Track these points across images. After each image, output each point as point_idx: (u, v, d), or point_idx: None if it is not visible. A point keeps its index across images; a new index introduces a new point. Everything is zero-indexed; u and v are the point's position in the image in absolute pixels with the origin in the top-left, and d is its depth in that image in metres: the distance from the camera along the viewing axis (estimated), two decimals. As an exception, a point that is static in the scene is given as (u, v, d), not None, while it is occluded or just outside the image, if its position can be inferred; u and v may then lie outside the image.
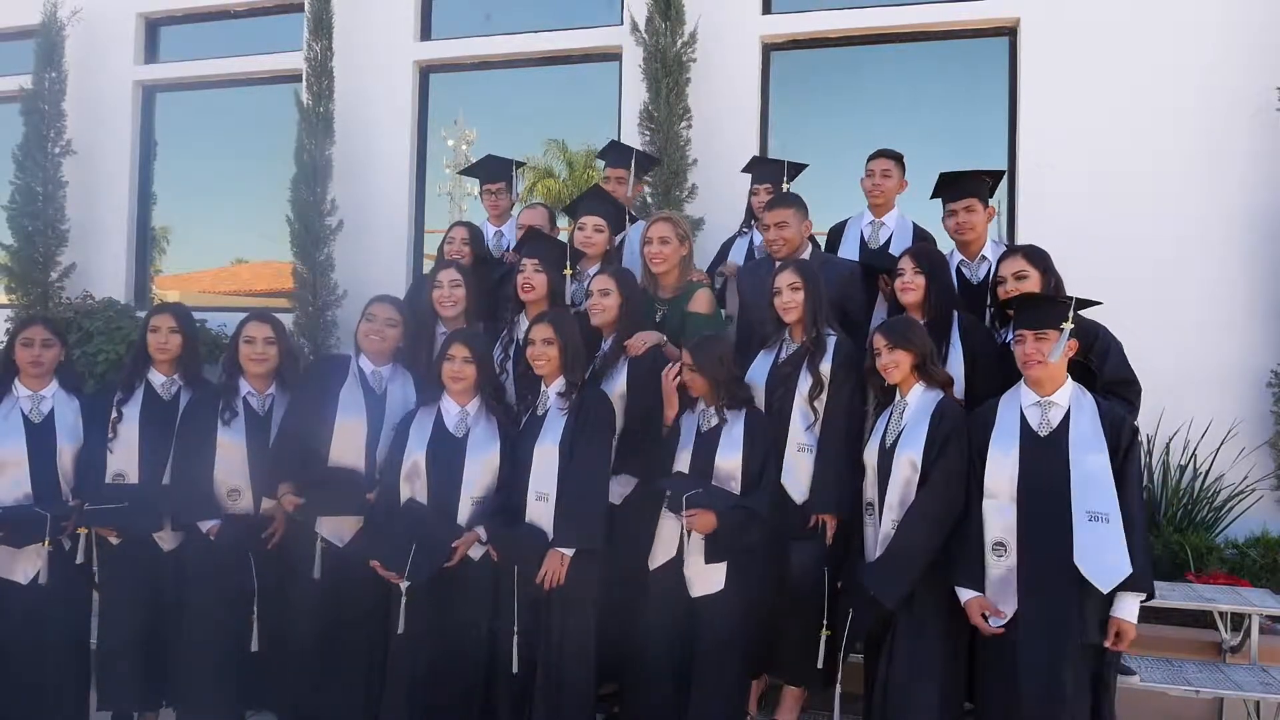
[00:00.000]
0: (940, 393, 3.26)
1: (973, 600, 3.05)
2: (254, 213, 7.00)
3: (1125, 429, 3.02)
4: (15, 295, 6.67)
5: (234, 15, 7.05)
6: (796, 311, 3.58)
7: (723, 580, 3.41)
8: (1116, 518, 2.93)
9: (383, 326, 3.73)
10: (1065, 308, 3.05)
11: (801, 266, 3.65)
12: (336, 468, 3.59)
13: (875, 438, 3.33)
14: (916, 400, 3.27)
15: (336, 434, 3.59)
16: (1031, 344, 3.05)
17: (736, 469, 3.43)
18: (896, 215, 4.46)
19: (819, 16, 5.83)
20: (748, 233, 4.61)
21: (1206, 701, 3.97)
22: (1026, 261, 3.49)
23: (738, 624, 3.43)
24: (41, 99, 6.69)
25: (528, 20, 6.39)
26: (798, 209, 3.99)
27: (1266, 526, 4.79)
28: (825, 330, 3.58)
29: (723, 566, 3.41)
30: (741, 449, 3.43)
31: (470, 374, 3.50)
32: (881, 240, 4.40)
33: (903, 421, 3.26)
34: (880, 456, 3.28)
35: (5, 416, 3.67)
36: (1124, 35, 5.26)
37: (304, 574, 3.57)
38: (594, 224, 4.11)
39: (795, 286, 3.57)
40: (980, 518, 3.09)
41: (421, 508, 3.44)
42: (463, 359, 3.50)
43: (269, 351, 3.74)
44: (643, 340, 3.69)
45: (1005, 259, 3.57)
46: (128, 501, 3.61)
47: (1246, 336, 5.02)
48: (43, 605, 3.61)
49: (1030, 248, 3.58)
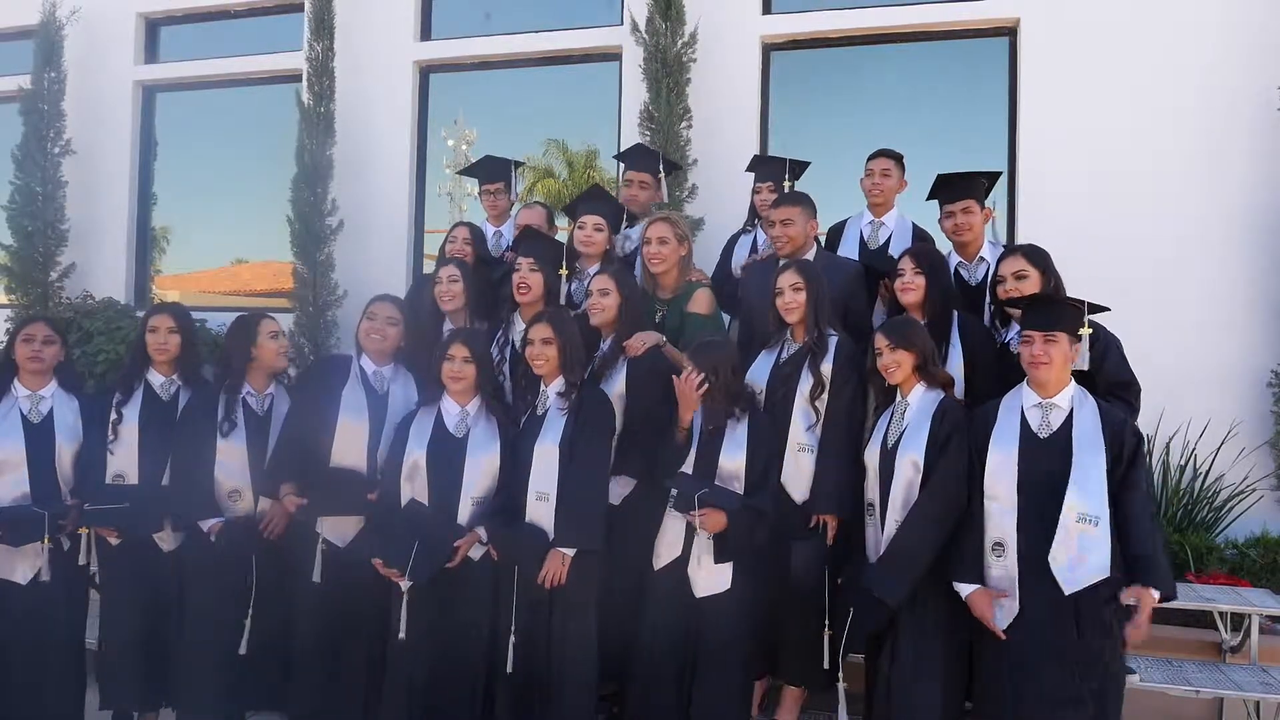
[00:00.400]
0: (941, 393, 3.26)
1: (975, 593, 3.04)
2: (254, 213, 7.00)
3: (1128, 434, 3.01)
4: (15, 295, 6.67)
5: (234, 15, 7.05)
6: (798, 312, 3.58)
7: (729, 580, 3.41)
8: (1105, 522, 2.92)
9: (383, 325, 3.73)
10: (1079, 312, 3.05)
11: (804, 267, 3.65)
12: (338, 468, 3.59)
13: (877, 438, 3.33)
14: (918, 400, 3.26)
15: (338, 435, 3.59)
16: (1040, 345, 3.05)
17: (740, 469, 3.42)
18: (896, 215, 4.45)
19: (819, 16, 5.83)
20: (751, 231, 4.61)
21: (1206, 701, 3.97)
22: (1026, 261, 3.48)
23: (742, 624, 3.43)
24: (41, 99, 6.68)
25: (528, 20, 6.39)
26: (804, 207, 3.99)
27: (1266, 526, 4.80)
28: (827, 330, 3.57)
29: (729, 566, 3.41)
30: (746, 450, 3.43)
31: (470, 374, 3.50)
32: (881, 240, 4.39)
33: (904, 422, 3.26)
34: (882, 457, 3.28)
35: (4, 416, 3.66)
36: (1124, 35, 5.26)
37: (305, 575, 3.57)
38: (594, 223, 4.10)
39: (797, 287, 3.57)
40: (982, 517, 3.09)
41: (423, 508, 3.44)
42: (463, 359, 3.49)
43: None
44: (642, 341, 3.69)
45: (1005, 258, 3.57)
46: (128, 502, 3.61)
47: (1246, 336, 5.02)
48: (42, 606, 3.61)
49: (1030, 247, 3.58)
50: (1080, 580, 2.92)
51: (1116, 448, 2.98)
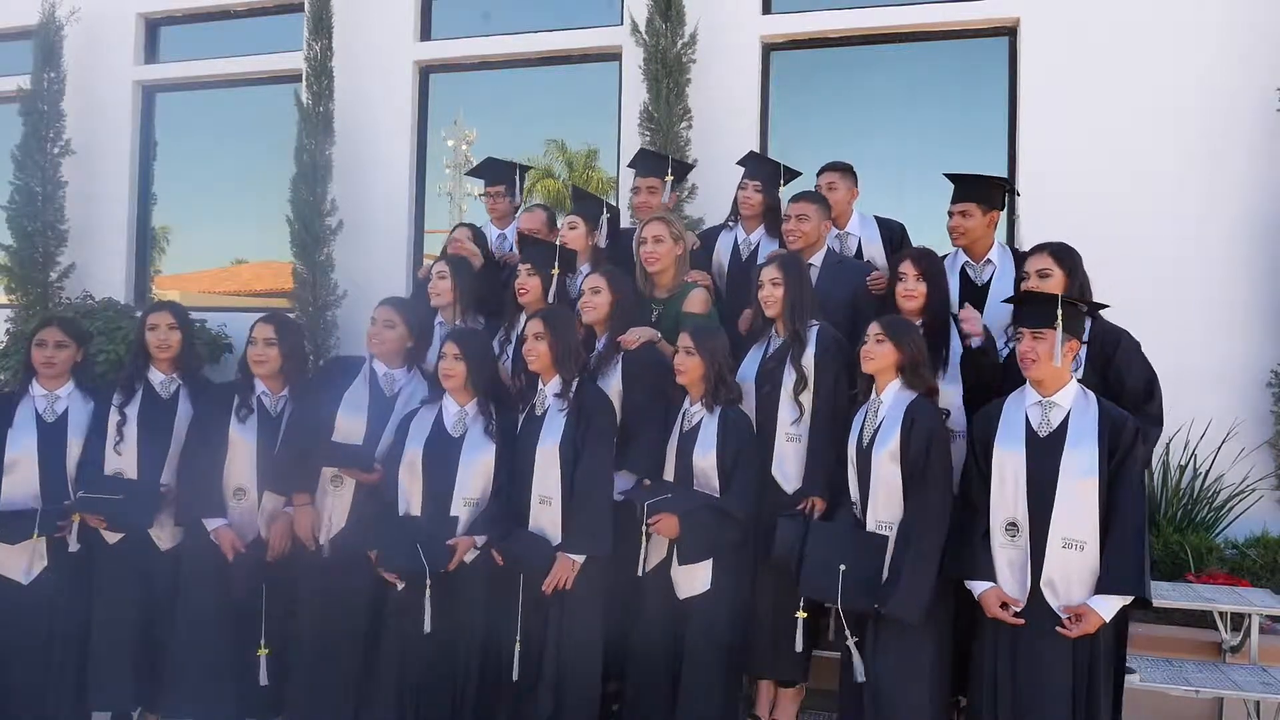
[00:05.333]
0: (914, 393, 3.25)
1: (989, 592, 3.04)
2: (254, 213, 6.99)
3: (1126, 430, 2.99)
4: (15, 295, 6.67)
5: (234, 15, 7.04)
6: (776, 306, 3.60)
7: (708, 581, 3.41)
8: (1094, 545, 2.93)
9: (381, 329, 3.74)
10: (1075, 310, 3.04)
11: (784, 262, 3.67)
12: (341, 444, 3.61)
13: (853, 434, 3.34)
14: (891, 399, 3.27)
15: (336, 431, 3.60)
16: (1028, 342, 3.04)
17: (712, 467, 3.43)
18: (858, 219, 4.46)
19: (819, 16, 5.83)
20: (733, 227, 4.59)
21: (1206, 701, 3.97)
22: (1052, 260, 3.45)
23: (724, 624, 3.43)
24: (40, 99, 6.68)
25: (528, 20, 6.39)
26: (821, 206, 4.03)
27: (1266, 526, 4.80)
28: (807, 324, 3.58)
29: (706, 567, 3.41)
30: (715, 447, 3.43)
31: (460, 371, 3.49)
32: (852, 250, 4.38)
33: (878, 419, 3.27)
34: (858, 453, 3.30)
35: (20, 415, 3.69)
36: (1124, 35, 5.25)
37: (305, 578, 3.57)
38: (568, 222, 4.26)
39: (776, 281, 3.59)
40: (987, 514, 3.08)
41: (417, 520, 3.43)
42: (453, 355, 3.50)
43: (269, 353, 3.73)
44: (637, 334, 3.71)
45: (1032, 254, 3.54)
46: (123, 494, 3.60)
47: (1246, 336, 5.03)
48: (44, 604, 3.61)
49: (1059, 246, 3.52)
50: (1070, 601, 2.94)
51: (1114, 442, 2.98)
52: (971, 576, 3.08)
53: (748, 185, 4.44)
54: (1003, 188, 4.09)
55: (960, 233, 3.96)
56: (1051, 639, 2.94)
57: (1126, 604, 2.99)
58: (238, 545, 3.60)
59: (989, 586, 3.04)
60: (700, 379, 3.48)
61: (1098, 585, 2.93)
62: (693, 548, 3.37)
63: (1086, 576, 2.94)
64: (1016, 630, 2.99)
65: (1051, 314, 3.00)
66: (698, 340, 3.47)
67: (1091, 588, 2.93)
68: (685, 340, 3.49)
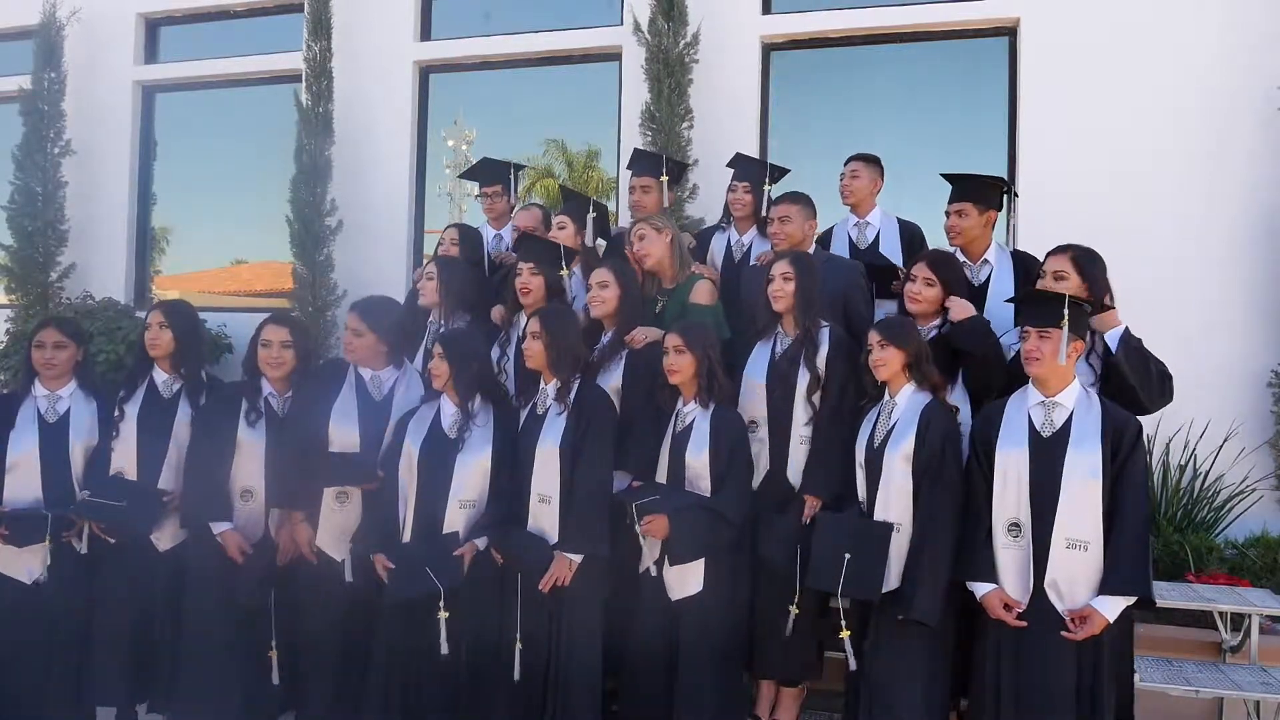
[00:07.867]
0: (930, 395, 3.26)
1: (991, 594, 3.04)
2: (254, 213, 7.00)
3: (1129, 430, 3.00)
4: (15, 295, 6.67)
5: (234, 15, 7.05)
6: (786, 301, 3.59)
7: (700, 582, 3.40)
8: (1097, 546, 2.93)
9: (350, 337, 3.71)
10: (1080, 309, 3.03)
11: (797, 258, 3.67)
12: (339, 453, 3.60)
13: (864, 436, 3.34)
14: (905, 401, 3.27)
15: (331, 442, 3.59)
16: (1034, 341, 3.04)
17: (705, 468, 3.42)
18: (880, 213, 4.48)
19: (819, 16, 5.83)
20: (726, 228, 4.60)
21: (1206, 701, 3.97)
22: (1070, 263, 3.38)
23: (717, 625, 3.42)
24: (41, 99, 6.68)
25: (528, 20, 6.39)
26: (803, 206, 4.02)
27: (1266, 526, 4.79)
28: (819, 323, 3.58)
29: (699, 568, 3.39)
30: (707, 447, 3.42)
31: (444, 371, 3.48)
32: (869, 239, 4.42)
33: (891, 421, 3.27)
34: (869, 455, 3.29)
35: (22, 416, 3.69)
36: (1124, 35, 5.25)
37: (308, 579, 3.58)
38: (558, 222, 4.34)
39: (787, 276, 3.59)
40: (990, 515, 3.08)
41: (419, 548, 3.40)
42: (438, 355, 3.50)
43: (285, 355, 3.72)
44: (643, 334, 3.72)
45: (1052, 254, 3.47)
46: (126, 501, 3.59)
47: (1246, 337, 5.03)
48: (47, 604, 3.61)
49: (1080, 249, 3.42)
50: (1075, 603, 2.94)
51: (1116, 442, 2.98)
52: (973, 578, 3.08)
53: (737, 187, 4.46)
54: (999, 187, 4.06)
55: (956, 232, 3.95)
56: (1054, 640, 2.94)
57: (1130, 604, 2.99)
58: (244, 548, 3.60)
59: (991, 588, 3.04)
60: (693, 377, 3.48)
61: (1102, 586, 2.93)
62: (683, 548, 3.35)
63: (1091, 577, 2.94)
64: (1019, 632, 2.99)
65: (1058, 313, 2.99)
66: (688, 338, 3.46)
67: (1095, 588, 2.94)
68: (675, 339, 3.47)
